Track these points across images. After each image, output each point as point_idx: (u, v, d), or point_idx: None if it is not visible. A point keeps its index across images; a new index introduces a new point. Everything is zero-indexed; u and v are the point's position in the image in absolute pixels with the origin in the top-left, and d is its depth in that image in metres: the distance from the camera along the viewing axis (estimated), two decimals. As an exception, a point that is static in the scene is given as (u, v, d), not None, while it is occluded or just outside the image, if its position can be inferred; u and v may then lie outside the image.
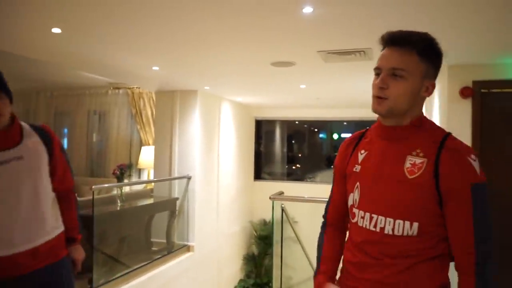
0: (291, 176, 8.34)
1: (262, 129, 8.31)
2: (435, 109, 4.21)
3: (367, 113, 1.41)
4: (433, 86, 1.23)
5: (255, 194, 7.70)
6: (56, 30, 2.88)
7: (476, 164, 1.14)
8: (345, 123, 8.39)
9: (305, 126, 8.45)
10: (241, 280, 7.16)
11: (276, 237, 4.38)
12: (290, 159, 8.48)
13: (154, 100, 6.18)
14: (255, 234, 7.48)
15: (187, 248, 5.49)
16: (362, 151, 1.32)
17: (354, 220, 1.30)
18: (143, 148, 6.58)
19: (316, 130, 8.48)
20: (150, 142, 6.64)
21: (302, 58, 3.63)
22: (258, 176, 8.08)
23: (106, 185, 5.25)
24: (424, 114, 1.28)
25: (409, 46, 1.18)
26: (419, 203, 1.16)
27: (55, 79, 6.61)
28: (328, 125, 8.23)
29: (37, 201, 1.81)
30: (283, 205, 4.46)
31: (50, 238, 1.85)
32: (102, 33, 3.02)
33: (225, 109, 6.54)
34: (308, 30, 2.88)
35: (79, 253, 2.05)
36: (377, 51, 3.41)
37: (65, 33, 2.97)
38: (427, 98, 1.29)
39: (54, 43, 3.23)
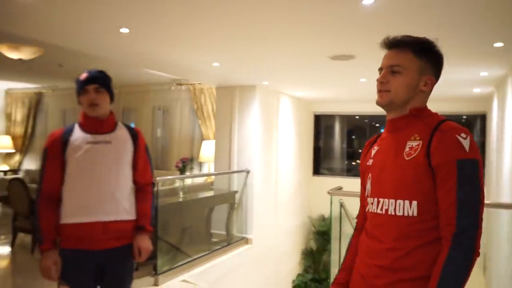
0: (351, 172, 8.18)
1: (322, 124, 8.22)
2: None
3: (433, 107, 1.40)
4: (432, 81, 1.35)
5: (314, 189, 7.64)
6: (124, 30, 3.05)
7: (465, 142, 1.21)
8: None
9: (366, 121, 8.23)
10: (299, 275, 7.17)
11: (334, 233, 4.32)
12: (350, 155, 8.31)
13: (215, 95, 6.34)
14: (314, 230, 7.44)
15: (246, 241, 5.59)
16: (375, 147, 1.44)
17: (367, 209, 1.41)
18: (204, 142, 6.78)
19: (377, 125, 8.23)
20: (211, 136, 6.82)
21: (362, 51, 3.54)
22: (317, 171, 8.02)
23: (169, 177, 5.48)
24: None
25: (405, 46, 1.34)
26: (415, 181, 1.25)
27: (122, 76, 7.00)
28: (383, 120, 7.94)
29: (115, 183, 2.03)
30: (341, 201, 4.39)
31: (120, 219, 2.02)
32: (165, 32, 3.16)
33: (284, 103, 6.55)
34: (368, 22, 2.81)
35: (146, 243, 2.09)
36: (445, 41, 3.28)
37: (132, 33, 3.13)
38: None
39: (122, 43, 3.42)
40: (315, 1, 2.44)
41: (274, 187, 6.25)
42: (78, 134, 2.02)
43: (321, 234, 7.22)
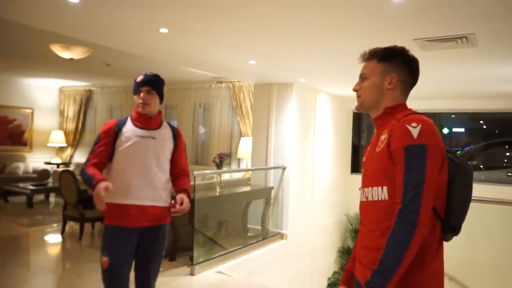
0: (391, 170, 8.02)
1: (364, 122, 8.14)
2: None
3: (479, 104, 1.49)
4: (396, 78, 1.50)
5: (352, 187, 7.58)
6: (163, 30, 3.22)
7: (414, 130, 1.34)
8: (453, 116, 7.83)
9: (408, 118, 8.04)
10: (335, 273, 7.16)
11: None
12: (390, 153, 8.14)
13: (254, 92, 6.45)
14: (351, 228, 7.39)
15: (281, 236, 5.67)
16: (368, 147, 1.61)
17: (360, 199, 1.58)
18: (242, 138, 6.92)
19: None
20: (249, 133, 6.95)
21: (397, 47, 3.51)
22: (355, 169, 7.95)
23: (206, 171, 5.66)
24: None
25: (371, 57, 1.55)
26: (382, 170, 1.41)
27: (165, 75, 7.23)
28: (435, 118, 7.74)
29: (154, 172, 2.32)
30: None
31: (156, 205, 2.32)
32: (203, 31, 3.29)
33: (321, 101, 6.55)
34: (400, 19, 2.80)
35: (188, 201, 2.32)
36: (482, 36, 3.23)
37: (171, 33, 3.30)
38: None
39: (161, 42, 3.60)
40: (346, 0, 2.48)
41: (310, 183, 6.28)
42: (129, 127, 2.35)
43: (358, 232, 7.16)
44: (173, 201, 2.29)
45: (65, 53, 5.29)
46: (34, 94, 9.31)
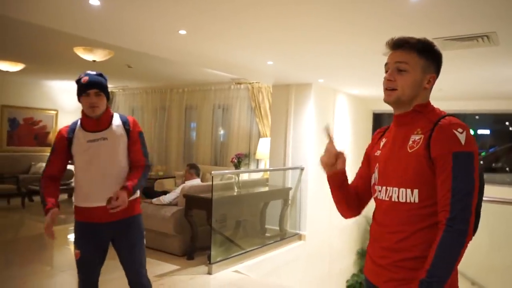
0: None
1: (385, 123, 8.05)
2: None
3: (503, 104, 1.47)
4: (434, 79, 1.46)
5: (371, 189, 7.50)
6: (182, 32, 3.27)
7: (461, 136, 1.32)
8: (477, 117, 7.66)
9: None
10: (354, 275, 7.10)
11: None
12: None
13: (271, 93, 6.47)
14: (370, 230, 7.31)
15: (299, 237, 5.66)
16: (384, 139, 1.57)
17: (374, 195, 1.55)
18: (260, 139, 6.94)
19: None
20: (268, 134, 6.96)
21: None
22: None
23: (223, 171, 5.69)
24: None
25: (408, 46, 1.44)
26: (417, 172, 1.37)
27: (185, 77, 7.38)
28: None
29: (112, 172, 2.34)
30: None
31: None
32: (220, 33, 3.33)
33: (340, 101, 6.52)
34: (419, 17, 2.78)
35: (123, 195, 2.23)
36: (503, 35, 3.17)
37: (190, 34, 3.35)
38: None
39: (180, 44, 3.66)
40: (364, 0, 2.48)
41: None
42: (80, 132, 2.34)
43: (378, 234, 7.08)
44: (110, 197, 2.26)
45: (88, 56, 5.42)
46: (58, 96, 9.55)
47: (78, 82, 2.32)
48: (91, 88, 2.27)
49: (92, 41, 4.88)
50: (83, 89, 2.28)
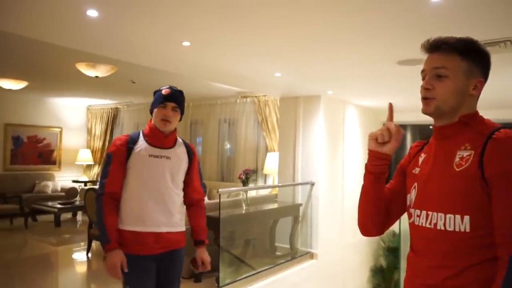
0: (424, 185, 7.67)
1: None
2: None
3: None
4: (482, 84, 1.25)
5: (383, 203, 7.26)
6: (186, 43, 3.12)
7: None
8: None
9: (441, 130, 7.70)
10: (368, 293, 6.82)
11: (405, 249, 4.04)
12: (423, 167, 7.80)
13: (279, 107, 6.31)
14: (383, 246, 7.05)
15: (311, 255, 5.42)
16: (423, 155, 1.36)
17: (411, 220, 1.32)
18: (268, 154, 6.76)
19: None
20: (275, 148, 6.78)
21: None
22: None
23: (231, 188, 5.51)
24: None
25: (449, 48, 1.23)
26: (467, 195, 1.15)
27: (191, 90, 7.23)
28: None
29: (170, 195, 2.18)
30: (413, 216, 4.10)
31: (172, 231, 2.20)
32: (226, 44, 3.17)
33: (350, 113, 6.33)
34: (437, 22, 2.60)
35: (206, 255, 2.33)
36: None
37: (194, 46, 3.19)
38: None
39: (184, 56, 3.50)
40: (378, 4, 2.31)
41: (340, 200, 6.03)
42: (142, 145, 2.16)
43: (392, 250, 6.82)
44: (194, 260, 2.29)
45: (90, 71, 5.30)
46: (63, 113, 9.46)
47: (157, 92, 2.25)
48: (170, 101, 2.18)
49: (95, 57, 4.76)
50: (161, 100, 2.18)
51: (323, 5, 2.33)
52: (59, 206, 7.34)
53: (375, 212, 1.40)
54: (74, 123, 9.73)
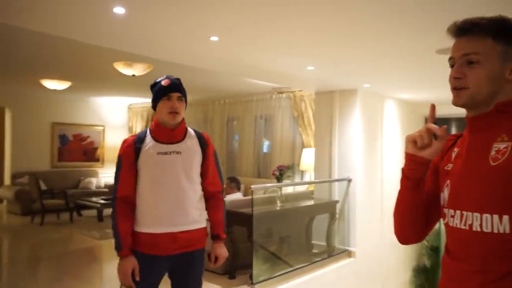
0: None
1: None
2: None
3: None
4: None
5: (426, 200, 6.96)
6: (214, 38, 3.09)
7: None
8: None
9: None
10: (410, 294, 6.57)
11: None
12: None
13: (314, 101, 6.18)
14: (427, 244, 6.76)
15: (348, 254, 5.28)
16: (456, 149, 1.24)
17: (445, 221, 1.21)
18: (304, 150, 6.65)
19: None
20: (312, 144, 6.66)
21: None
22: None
23: (263, 185, 5.46)
24: None
25: (480, 30, 1.10)
26: (505, 192, 1.04)
27: (226, 88, 7.26)
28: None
29: (184, 193, 2.06)
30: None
31: (189, 229, 2.07)
32: (255, 37, 3.12)
33: (389, 107, 6.10)
34: (479, 7, 2.41)
35: (222, 251, 2.17)
36: None
37: (222, 41, 3.16)
38: None
39: (213, 51, 3.48)
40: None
41: (379, 196, 5.83)
42: (150, 143, 2.05)
43: (435, 249, 6.53)
44: (209, 254, 2.16)
45: (127, 70, 5.41)
46: (105, 112, 9.78)
47: (156, 85, 2.12)
48: (174, 91, 2.06)
49: (131, 56, 4.86)
50: (164, 92, 2.05)
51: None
52: (102, 201, 7.59)
53: (413, 219, 1.28)
54: (116, 122, 10.03)
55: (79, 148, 9.34)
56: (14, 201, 7.98)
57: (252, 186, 4.13)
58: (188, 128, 2.18)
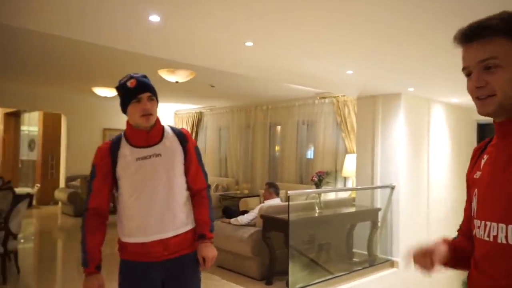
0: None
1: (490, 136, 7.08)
2: None
3: None
4: None
5: (478, 210, 6.57)
6: (249, 43, 3.11)
7: None
8: None
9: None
10: (460, 309, 6.20)
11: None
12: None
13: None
14: (479, 257, 6.38)
15: (391, 264, 5.09)
16: (485, 156, 1.16)
17: (474, 233, 1.13)
18: (347, 156, 6.51)
19: None
20: (355, 150, 6.51)
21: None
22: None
23: (299, 191, 5.42)
24: None
25: (491, 32, 1.02)
26: None
27: (268, 93, 7.28)
28: None
29: (170, 196, 1.93)
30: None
31: (179, 233, 1.95)
32: (289, 42, 3.10)
33: (436, 112, 5.84)
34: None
35: (209, 251, 2.00)
36: None
37: (257, 46, 3.18)
38: None
39: (247, 56, 3.50)
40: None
41: (425, 204, 5.58)
42: (126, 149, 1.92)
43: (489, 263, 6.13)
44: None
45: (170, 77, 5.57)
46: (154, 118, 10.12)
47: (122, 87, 1.92)
48: (143, 92, 1.88)
49: (174, 63, 5.01)
50: (132, 94, 1.87)
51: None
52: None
53: (467, 265, 1.22)
54: (162, 127, 10.35)
55: (129, 153, 9.73)
56: (67, 203, 8.42)
57: (288, 192, 4.10)
58: (165, 127, 2.02)
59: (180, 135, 2.02)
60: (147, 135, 1.93)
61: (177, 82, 5.68)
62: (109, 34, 2.98)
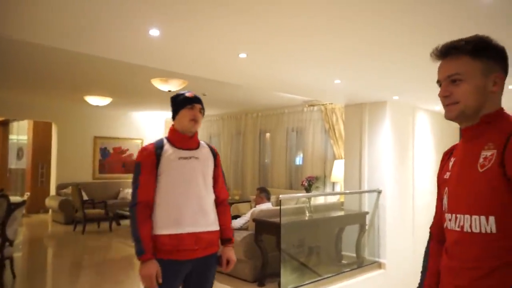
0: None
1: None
2: None
3: None
4: (502, 78, 1.25)
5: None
6: (242, 55, 3.28)
7: None
8: None
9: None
10: (446, 309, 6.40)
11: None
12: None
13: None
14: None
15: (378, 265, 5.27)
16: (452, 159, 1.36)
17: (445, 225, 1.32)
18: (335, 161, 6.71)
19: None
20: (343, 156, 6.71)
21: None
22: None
23: (290, 195, 5.56)
24: None
25: (457, 52, 1.24)
26: (491, 195, 1.15)
27: (259, 101, 7.46)
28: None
29: (204, 195, 2.21)
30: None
31: (210, 230, 2.20)
32: (282, 53, 3.28)
33: (421, 119, 6.08)
34: (496, 16, 2.47)
35: (233, 254, 2.29)
36: None
37: (250, 57, 3.35)
38: None
39: (241, 67, 3.67)
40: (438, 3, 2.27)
41: (410, 208, 5.78)
42: (169, 149, 2.17)
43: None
44: (220, 258, 2.26)
45: (163, 86, 5.72)
46: (143, 126, 10.22)
47: (179, 96, 2.28)
48: (197, 103, 2.24)
49: (166, 72, 5.15)
50: (188, 101, 2.22)
51: (378, 7, 2.33)
52: (139, 211, 7.91)
53: None
54: (154, 135, 10.41)
55: (119, 160, 9.79)
56: (58, 211, 8.45)
57: (280, 196, 4.25)
58: (200, 140, 2.34)
59: (212, 150, 2.36)
60: (189, 139, 2.23)
61: (169, 91, 5.82)
62: (111, 47, 3.12)
